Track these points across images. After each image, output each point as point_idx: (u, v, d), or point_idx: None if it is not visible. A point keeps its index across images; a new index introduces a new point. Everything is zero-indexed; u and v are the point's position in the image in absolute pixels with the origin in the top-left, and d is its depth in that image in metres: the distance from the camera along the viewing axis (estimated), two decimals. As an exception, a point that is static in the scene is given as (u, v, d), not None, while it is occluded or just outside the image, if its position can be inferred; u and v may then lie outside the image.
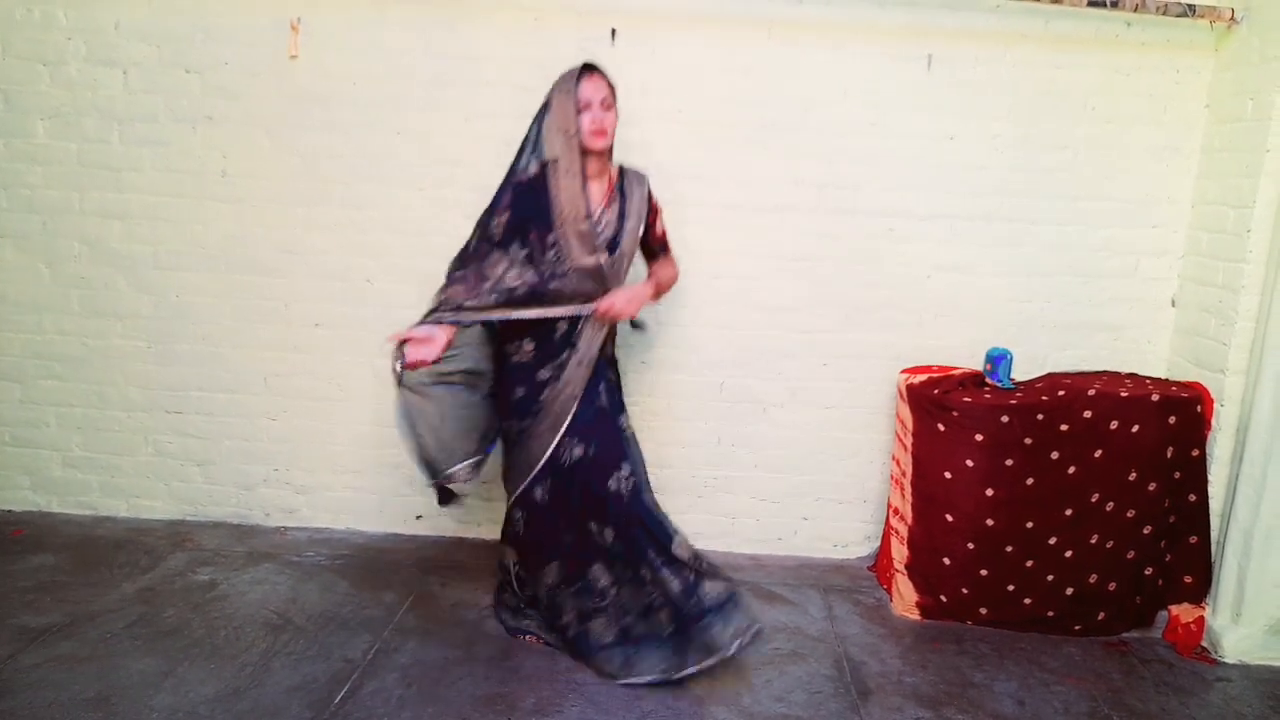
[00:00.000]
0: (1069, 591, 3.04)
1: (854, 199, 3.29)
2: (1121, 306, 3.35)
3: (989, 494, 2.99)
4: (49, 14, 3.23)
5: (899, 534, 3.20)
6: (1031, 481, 2.99)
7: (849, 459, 3.49)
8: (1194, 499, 3.04)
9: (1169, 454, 2.98)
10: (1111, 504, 3.00)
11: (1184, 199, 3.27)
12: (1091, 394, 2.98)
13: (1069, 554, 3.03)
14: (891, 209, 3.30)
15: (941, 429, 3.02)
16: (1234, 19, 3.02)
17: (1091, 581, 3.04)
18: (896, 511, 3.23)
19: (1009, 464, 2.98)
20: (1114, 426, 2.96)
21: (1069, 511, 3.01)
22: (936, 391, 3.05)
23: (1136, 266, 3.32)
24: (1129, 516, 3.01)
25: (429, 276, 3.30)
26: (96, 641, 2.71)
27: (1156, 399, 2.96)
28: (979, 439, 2.97)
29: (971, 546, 3.03)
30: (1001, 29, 3.17)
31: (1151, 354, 3.37)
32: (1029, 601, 3.05)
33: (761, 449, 3.49)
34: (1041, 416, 2.97)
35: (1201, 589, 3.06)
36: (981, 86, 3.22)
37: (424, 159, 3.29)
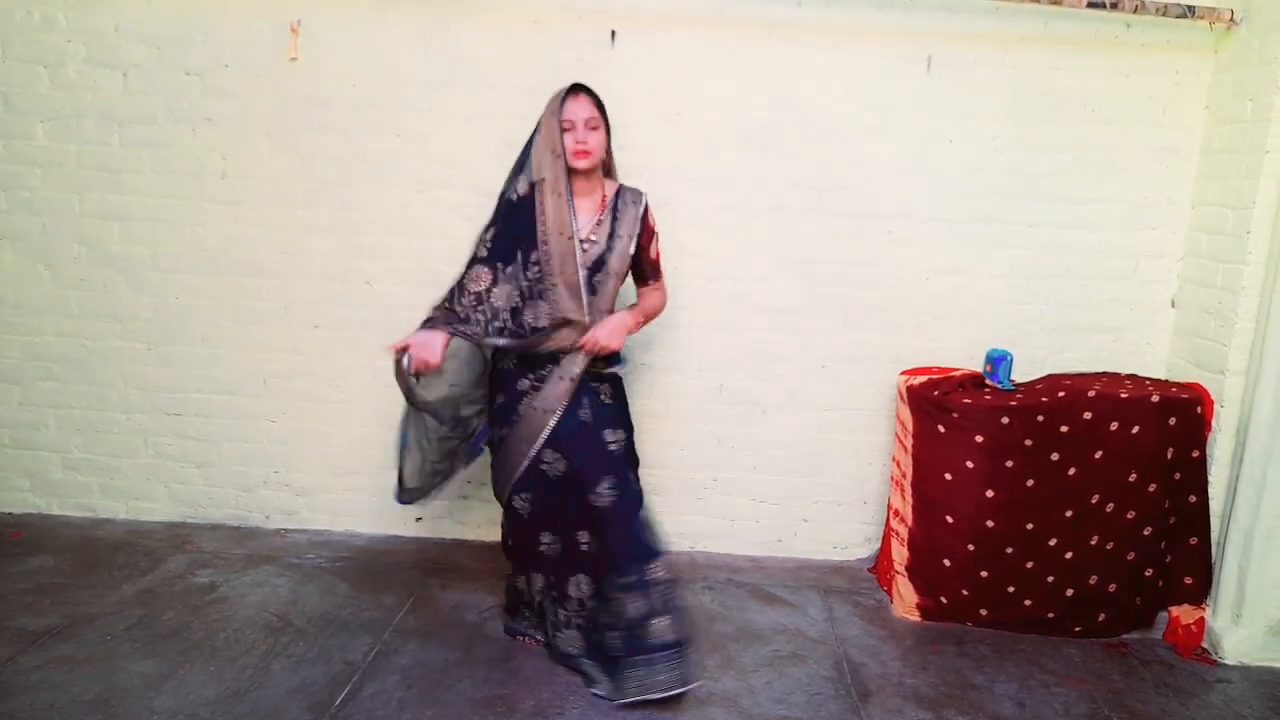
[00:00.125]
0: (1069, 593, 3.04)
1: (853, 201, 3.29)
2: (1121, 308, 3.35)
3: (989, 495, 2.99)
4: (49, 16, 3.23)
5: (899, 535, 3.20)
6: (1032, 483, 2.99)
7: (849, 461, 3.49)
8: (1194, 500, 3.04)
9: (1169, 455, 2.98)
10: (1111, 505, 3.00)
11: (1183, 200, 3.27)
12: (1091, 395, 2.98)
13: (1069, 555, 3.03)
14: (891, 211, 3.30)
15: (942, 430, 3.02)
16: (1233, 20, 3.03)
17: (1092, 583, 3.04)
18: (896, 513, 3.23)
19: (1009, 465, 2.98)
20: (1114, 428, 2.96)
21: (1069, 513, 3.01)
22: (937, 393, 3.05)
23: (1136, 268, 3.33)
24: (1129, 518, 3.01)
25: (428, 278, 3.32)
26: (96, 644, 2.70)
27: (1156, 400, 2.97)
28: (979, 440, 2.97)
29: (972, 548, 3.03)
30: (1001, 31, 3.17)
31: (1151, 355, 3.37)
32: (1029, 603, 3.05)
33: (761, 451, 3.49)
34: (1041, 418, 2.97)
35: (1202, 590, 3.06)
36: (981, 88, 3.22)
37: (423, 161, 3.29)
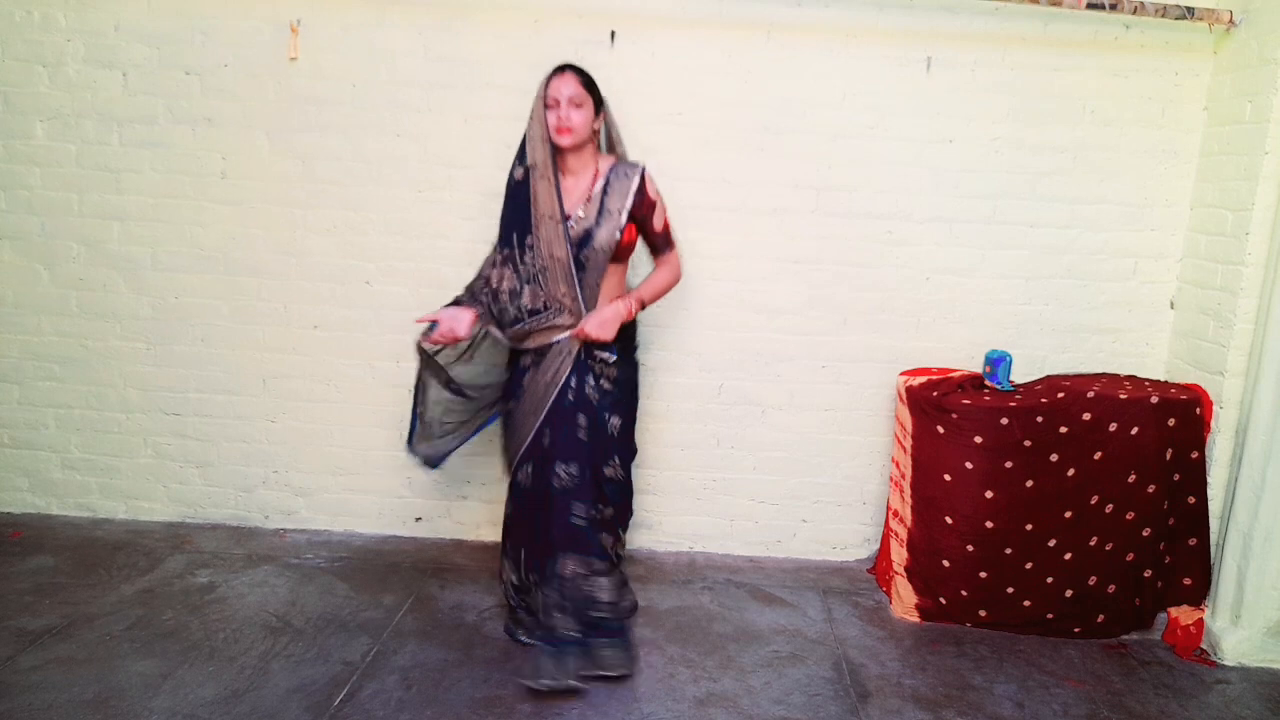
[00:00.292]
0: (1068, 593, 3.04)
1: (853, 201, 3.30)
2: (1120, 309, 3.35)
3: (988, 496, 2.99)
4: (48, 15, 3.23)
5: (898, 536, 3.20)
6: (1031, 483, 2.99)
7: (848, 461, 3.49)
8: (1193, 501, 3.04)
9: (1168, 456, 2.98)
10: (1111, 506, 3.00)
11: (1182, 201, 3.27)
12: (1091, 396, 2.98)
13: (1068, 556, 3.03)
14: (890, 211, 3.30)
15: (941, 431, 3.02)
16: (1232, 21, 3.03)
17: (1091, 583, 3.04)
18: (896, 514, 3.23)
19: (1008, 466, 2.98)
20: (1113, 429, 2.96)
21: (1068, 513, 3.01)
22: (936, 394, 3.05)
23: (1135, 269, 3.33)
24: (1128, 518, 3.01)
25: (428, 278, 3.33)
26: (95, 644, 2.70)
27: (1155, 401, 2.97)
28: (978, 441, 2.97)
29: (971, 549, 3.03)
30: (1000, 31, 3.18)
31: (1150, 356, 3.37)
32: (1028, 604, 3.05)
33: (760, 451, 3.49)
34: (1041, 419, 2.97)
35: (1201, 591, 3.06)
36: (980, 89, 3.22)
37: (423, 161, 3.29)
